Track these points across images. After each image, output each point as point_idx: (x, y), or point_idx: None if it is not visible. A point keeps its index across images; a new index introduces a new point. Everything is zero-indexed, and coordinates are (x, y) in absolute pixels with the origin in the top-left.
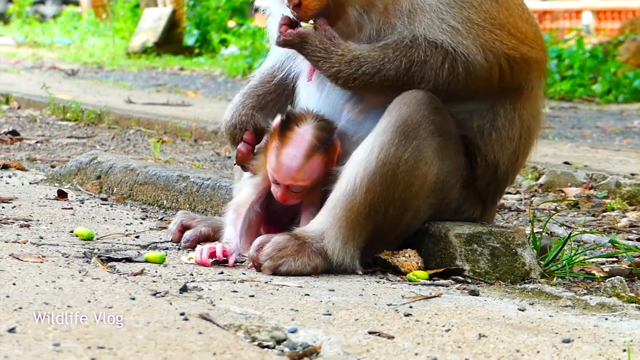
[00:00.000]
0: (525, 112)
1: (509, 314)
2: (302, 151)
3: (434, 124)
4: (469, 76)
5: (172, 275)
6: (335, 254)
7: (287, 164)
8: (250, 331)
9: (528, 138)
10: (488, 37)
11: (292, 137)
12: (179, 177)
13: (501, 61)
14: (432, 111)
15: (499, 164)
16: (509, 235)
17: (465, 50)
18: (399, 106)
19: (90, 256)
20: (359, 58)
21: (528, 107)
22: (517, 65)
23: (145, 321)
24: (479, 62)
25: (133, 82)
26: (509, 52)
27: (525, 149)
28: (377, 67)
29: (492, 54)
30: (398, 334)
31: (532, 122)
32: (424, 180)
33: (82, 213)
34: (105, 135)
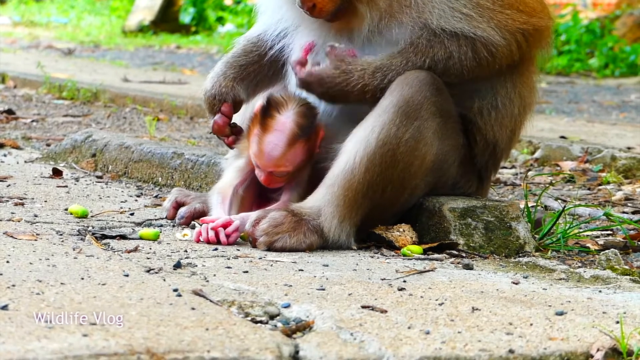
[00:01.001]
0: (524, 89)
1: (502, 287)
2: (283, 139)
3: (436, 105)
4: (494, 58)
5: (166, 252)
6: (332, 232)
7: (269, 152)
8: (243, 307)
9: (525, 114)
10: (500, 18)
11: (273, 125)
12: (173, 154)
13: (517, 37)
14: (434, 92)
15: (498, 142)
16: (503, 209)
17: (484, 33)
18: (400, 86)
19: (84, 234)
20: (381, 68)
21: (526, 82)
22: (532, 37)
23: (138, 297)
24: (499, 42)
25: (129, 60)
26: (522, 26)
27: (522, 124)
28: (402, 72)
29: (507, 32)
30: (391, 308)
31: (530, 98)
32: (423, 161)
33: (77, 191)
34: (101, 114)
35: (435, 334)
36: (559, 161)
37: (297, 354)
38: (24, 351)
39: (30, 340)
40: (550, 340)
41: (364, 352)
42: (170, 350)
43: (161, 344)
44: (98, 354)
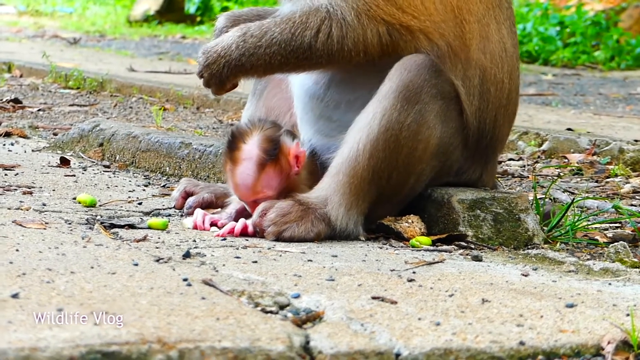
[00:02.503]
0: (486, 68)
1: (512, 279)
2: (252, 167)
3: (436, 87)
4: (344, 40)
5: (175, 242)
6: (339, 220)
7: (242, 183)
8: (253, 297)
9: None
10: (364, 2)
11: (240, 156)
12: (181, 144)
13: (379, 27)
14: (433, 74)
15: (486, 119)
16: (512, 201)
17: (341, 12)
18: (399, 71)
19: (93, 223)
20: (249, 27)
21: (486, 63)
22: (397, 33)
23: (148, 287)
24: (353, 25)
25: (135, 50)
26: (386, 18)
27: (510, 102)
28: (264, 29)
29: (367, 17)
30: (401, 299)
31: (494, 71)
32: (427, 144)
33: (85, 180)
34: (108, 103)
35: (446, 325)
36: (566, 153)
37: (307, 344)
38: (35, 339)
39: (42, 329)
40: (561, 332)
41: (375, 343)
42: (182, 340)
43: (172, 333)
44: (109, 343)
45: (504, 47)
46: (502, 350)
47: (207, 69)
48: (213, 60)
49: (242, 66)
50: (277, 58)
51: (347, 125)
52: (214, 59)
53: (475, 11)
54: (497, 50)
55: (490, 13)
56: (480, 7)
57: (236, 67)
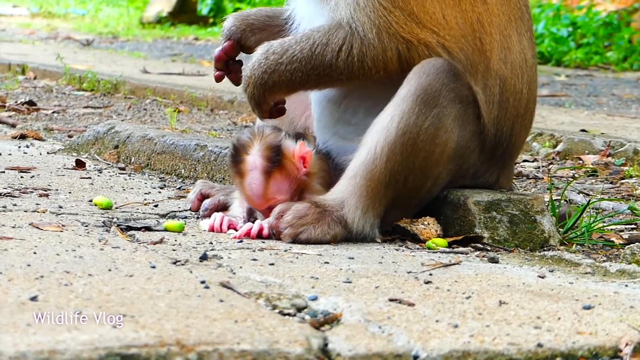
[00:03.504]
0: (506, 78)
1: (528, 281)
2: (259, 177)
3: (454, 91)
4: (364, 57)
5: (191, 244)
6: (355, 223)
7: (253, 193)
8: (270, 299)
9: (513, 98)
10: (387, 18)
11: (245, 168)
12: (196, 146)
13: (398, 45)
14: (452, 79)
15: (504, 127)
16: (527, 203)
17: (363, 29)
18: (418, 75)
19: (109, 225)
20: (272, 45)
21: (507, 73)
22: (416, 50)
23: (166, 289)
24: (373, 43)
25: (148, 52)
26: (406, 36)
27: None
28: (286, 47)
29: (387, 35)
30: (418, 301)
31: (514, 81)
32: (444, 148)
33: (101, 182)
34: (122, 105)
35: (464, 328)
36: (581, 155)
37: (326, 347)
38: (54, 342)
39: (61, 332)
40: (579, 334)
41: (393, 345)
42: (200, 342)
43: (191, 335)
44: (129, 345)
45: (525, 57)
46: (520, 353)
47: (246, 93)
48: (247, 83)
49: (266, 84)
50: (298, 75)
51: (365, 128)
52: (246, 82)
53: (497, 23)
54: (517, 60)
55: (512, 25)
56: (503, 18)
57: (261, 85)
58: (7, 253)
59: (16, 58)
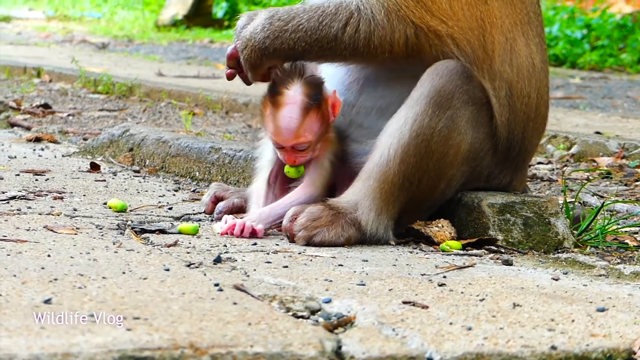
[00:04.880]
0: (512, 82)
1: (542, 283)
2: (296, 111)
3: (467, 93)
4: (371, 36)
5: (205, 247)
6: (369, 225)
7: (286, 126)
8: (284, 301)
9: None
10: (396, 2)
11: (283, 101)
12: (211, 148)
13: (407, 29)
14: (465, 80)
15: (515, 130)
16: (542, 205)
17: (371, 10)
18: (431, 77)
19: (123, 228)
20: (278, 11)
21: (512, 77)
22: (425, 36)
23: (180, 292)
24: (382, 24)
25: (163, 55)
26: (415, 20)
27: (538, 109)
28: (292, 14)
29: (397, 18)
30: (432, 303)
31: (521, 85)
32: (457, 150)
33: (115, 185)
34: (137, 108)
35: (477, 330)
36: (595, 157)
37: (339, 350)
38: (68, 345)
39: (75, 335)
40: (592, 336)
41: (407, 348)
42: (214, 345)
43: (204, 338)
44: (142, 348)
45: (533, 62)
46: (534, 355)
47: (242, 54)
48: (244, 45)
49: (266, 49)
50: (300, 44)
51: (378, 131)
52: (244, 43)
53: (500, 25)
54: (524, 65)
55: (517, 29)
56: (506, 21)
57: (260, 50)
58: (21, 256)
59: (32, 61)
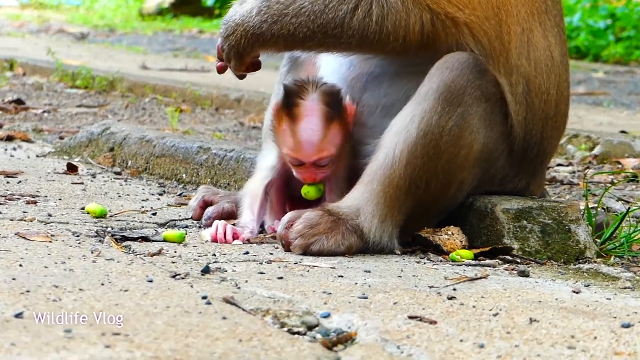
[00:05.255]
0: (530, 77)
1: (562, 296)
2: (318, 123)
3: (480, 88)
4: (384, 21)
5: (192, 256)
6: (372, 233)
7: (308, 141)
8: (279, 316)
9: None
10: None
11: (301, 112)
12: (199, 148)
13: (423, 14)
14: (477, 74)
15: (533, 130)
16: (561, 211)
17: None
18: (440, 70)
19: (103, 235)
20: None
21: (530, 71)
22: (441, 23)
23: (164, 305)
24: (396, 7)
25: (148, 46)
26: (432, 6)
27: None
28: None
29: (412, 2)
30: (441, 318)
31: (539, 80)
32: (469, 150)
33: (94, 188)
34: (118, 104)
35: (490, 348)
36: (620, 158)
37: None
38: None
39: (48, 352)
40: (616, 355)
41: None
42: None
43: (190, 356)
44: None
45: (551, 55)
46: None
47: (225, 40)
48: (232, 30)
49: (261, 35)
50: (302, 30)
51: (382, 130)
52: (232, 28)
53: (515, 14)
54: (542, 58)
55: (534, 18)
56: (522, 10)
57: (254, 35)
58: None
59: (4, 53)
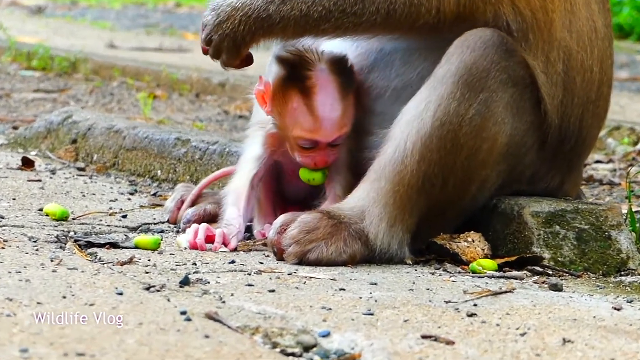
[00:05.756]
0: (572, 51)
1: (600, 313)
2: (336, 96)
3: (506, 71)
4: None
5: (169, 265)
6: (379, 239)
7: (328, 117)
8: (270, 335)
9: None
10: None
11: (314, 86)
12: (176, 140)
13: None
14: (503, 55)
15: (571, 116)
16: (600, 214)
17: None
18: (460, 50)
19: (64, 240)
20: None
21: (572, 44)
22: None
23: (136, 322)
24: None
25: (116, 21)
26: None
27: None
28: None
29: None
30: (459, 338)
31: (582, 56)
32: (493, 144)
33: (54, 186)
34: (82, 89)
35: None
36: None
37: None
38: None
39: None
40: None
41: None
42: None
43: None
44: None
45: (594, 26)
46: None
47: (218, 28)
48: (226, 16)
49: (268, 18)
50: (316, 9)
51: (392, 118)
52: (227, 14)
53: None
54: (585, 29)
55: None
56: None
57: (258, 20)
58: None
59: None
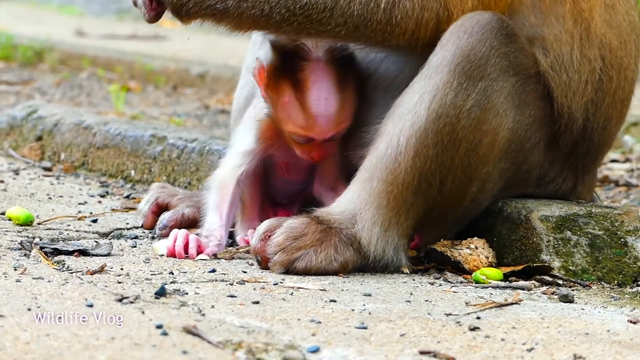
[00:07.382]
0: (612, 48)
1: (615, 327)
2: (332, 89)
3: (507, 57)
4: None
5: (144, 274)
6: (373, 244)
7: (323, 113)
8: (254, 350)
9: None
10: None
11: (308, 78)
12: (152, 138)
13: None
14: (503, 40)
15: (600, 117)
16: (615, 219)
17: None
18: (456, 35)
19: (29, 247)
20: None
21: (613, 41)
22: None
23: (108, 336)
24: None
25: (85, 6)
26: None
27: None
28: None
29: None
30: (461, 354)
31: (621, 53)
32: (494, 138)
33: (17, 188)
34: (48, 81)
35: None
36: None
37: None
38: None
39: None
40: None
41: None
42: None
43: None
44: None
45: (632, 20)
46: None
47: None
48: None
49: (225, 12)
50: (279, 11)
51: (384, 111)
52: None
53: None
54: (624, 25)
55: None
56: None
57: (210, 8)
58: None
59: None
